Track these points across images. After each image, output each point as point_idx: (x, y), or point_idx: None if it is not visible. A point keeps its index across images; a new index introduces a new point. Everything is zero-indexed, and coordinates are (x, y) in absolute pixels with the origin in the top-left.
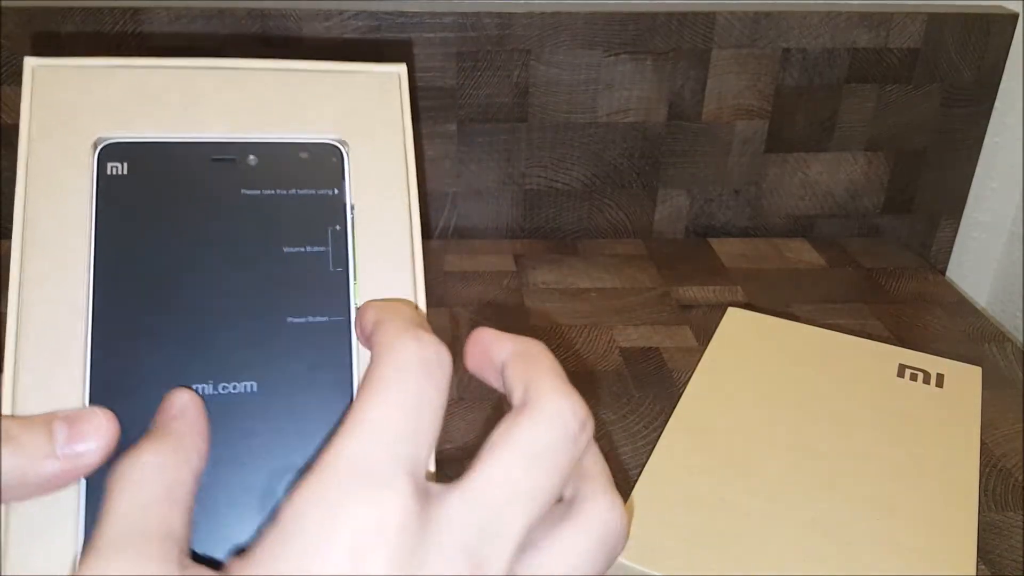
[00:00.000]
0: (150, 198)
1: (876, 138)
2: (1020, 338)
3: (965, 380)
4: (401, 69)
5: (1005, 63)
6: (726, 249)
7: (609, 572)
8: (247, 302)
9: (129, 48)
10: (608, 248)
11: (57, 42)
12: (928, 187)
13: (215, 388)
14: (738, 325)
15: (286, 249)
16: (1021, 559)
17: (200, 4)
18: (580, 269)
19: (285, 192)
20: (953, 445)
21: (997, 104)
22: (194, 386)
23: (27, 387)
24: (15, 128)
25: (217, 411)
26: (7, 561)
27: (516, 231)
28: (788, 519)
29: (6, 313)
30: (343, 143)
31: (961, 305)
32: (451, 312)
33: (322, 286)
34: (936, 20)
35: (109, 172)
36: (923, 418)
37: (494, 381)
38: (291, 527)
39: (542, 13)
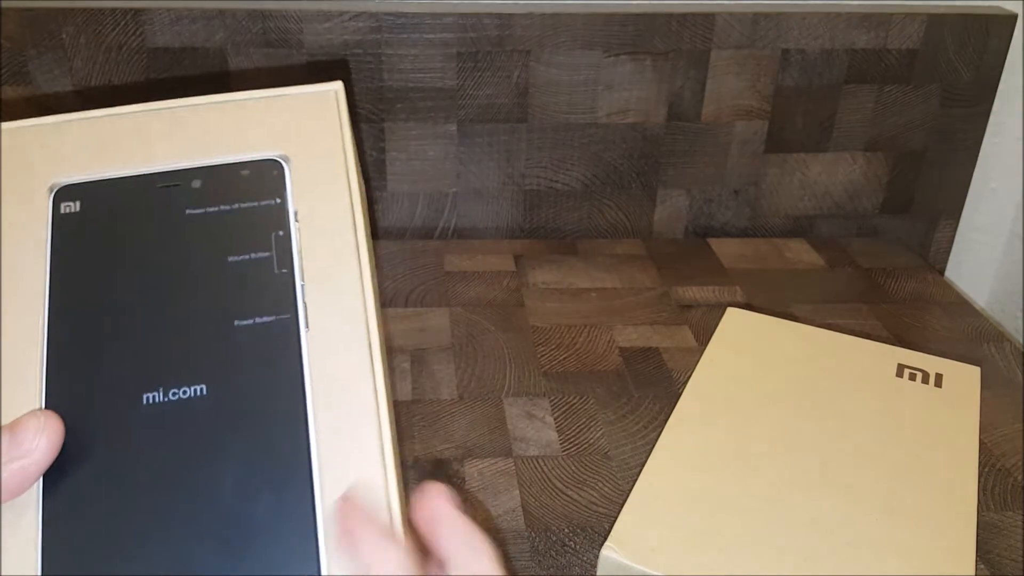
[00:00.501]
0: (100, 228)
1: (875, 139)
2: (1019, 338)
3: (964, 380)
4: (337, 86)
5: (1004, 64)
6: (725, 249)
7: (610, 573)
8: (194, 311)
9: (130, 50)
10: (608, 248)
11: (59, 42)
12: (927, 187)
13: (165, 395)
14: (737, 325)
15: (230, 258)
16: (1020, 559)
17: (201, 5)
18: (580, 269)
19: (228, 207)
20: (952, 445)
21: (996, 105)
22: (144, 395)
23: None
24: None
25: (169, 417)
26: None
27: (516, 231)
28: (787, 519)
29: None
30: (284, 158)
31: (960, 305)
32: (451, 312)
33: (268, 288)
34: (935, 21)
35: (63, 211)
36: (922, 418)
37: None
38: None
39: (542, 14)
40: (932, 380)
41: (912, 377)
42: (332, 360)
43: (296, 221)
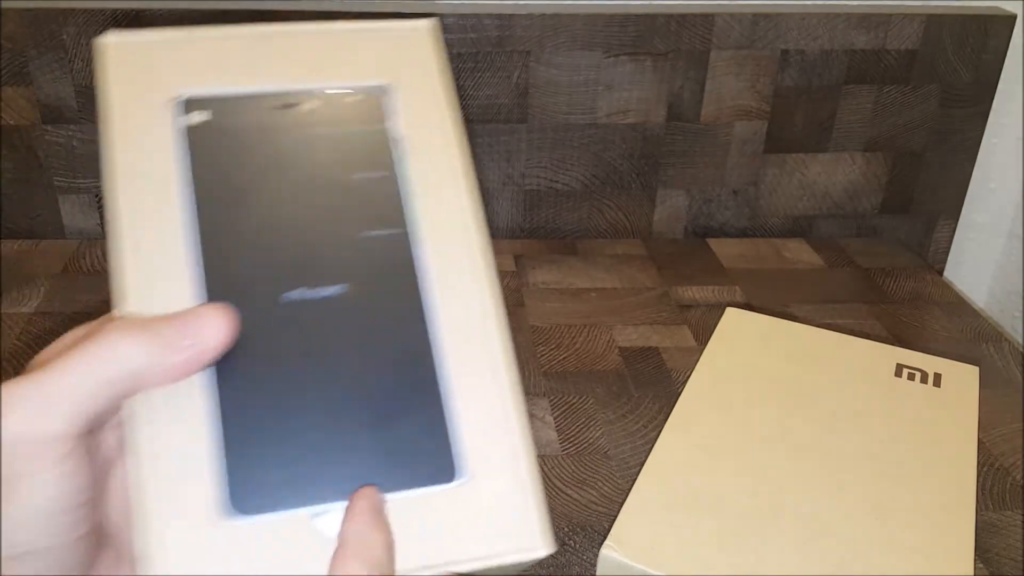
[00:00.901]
0: (230, 141)
1: (874, 139)
2: (1018, 338)
3: (963, 380)
4: (432, 21)
5: (1003, 64)
6: (725, 249)
7: (609, 572)
8: (327, 220)
9: None
10: (607, 248)
11: (59, 43)
12: (926, 187)
13: (310, 292)
14: (737, 325)
15: (353, 176)
16: (1019, 558)
17: (201, 5)
18: (580, 269)
19: (346, 129)
20: (951, 444)
21: (995, 105)
22: (291, 290)
23: (140, 294)
24: (15, 128)
25: (313, 313)
26: (143, 442)
27: (516, 231)
28: (786, 518)
29: (4, 314)
30: (389, 85)
31: (959, 305)
32: None
33: (386, 205)
34: (934, 21)
35: (193, 121)
36: (921, 418)
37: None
38: None
39: (542, 14)
40: (931, 380)
41: (911, 377)
42: (448, 272)
43: (404, 146)
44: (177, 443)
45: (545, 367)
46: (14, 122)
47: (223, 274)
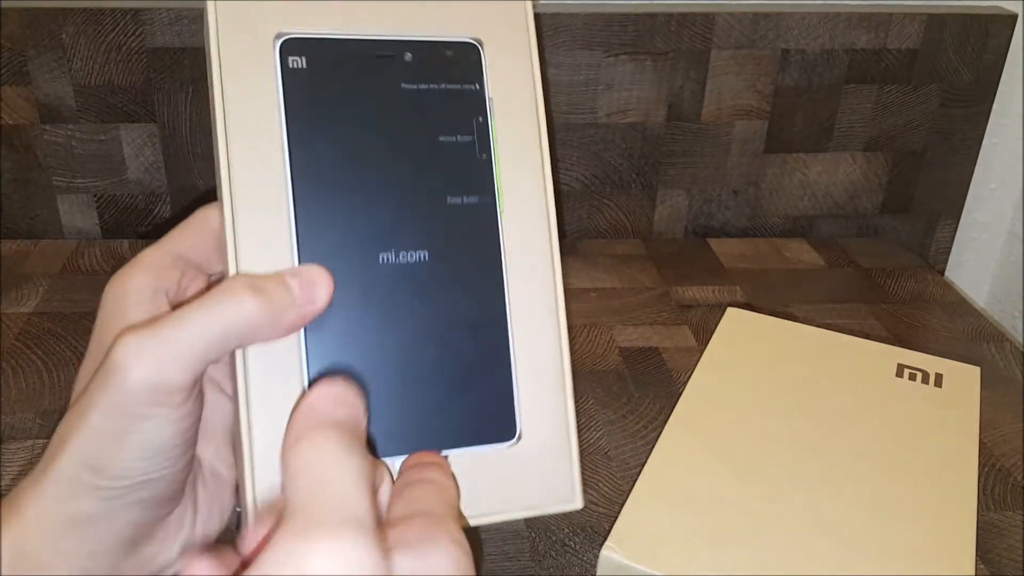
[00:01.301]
0: (327, 89)
1: (875, 139)
2: (1019, 338)
3: (964, 380)
4: (525, 3)
5: (1004, 64)
6: (725, 249)
7: (609, 572)
8: (416, 184)
9: (130, 50)
10: (608, 248)
11: (59, 42)
12: (927, 187)
13: (396, 257)
14: (737, 325)
15: (441, 138)
16: (1020, 559)
17: (201, 5)
18: (580, 269)
19: (437, 87)
20: (952, 445)
21: (996, 105)
22: (380, 254)
23: (248, 252)
24: (15, 128)
25: (398, 277)
26: (252, 390)
27: None
28: (787, 518)
29: (2, 314)
30: (480, 42)
31: (960, 305)
32: None
33: (472, 171)
34: (935, 21)
35: (291, 65)
36: (922, 418)
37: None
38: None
39: (542, 14)
40: (932, 380)
41: (912, 377)
42: (521, 243)
43: (492, 109)
44: (278, 391)
45: None
46: (13, 122)
47: (318, 232)
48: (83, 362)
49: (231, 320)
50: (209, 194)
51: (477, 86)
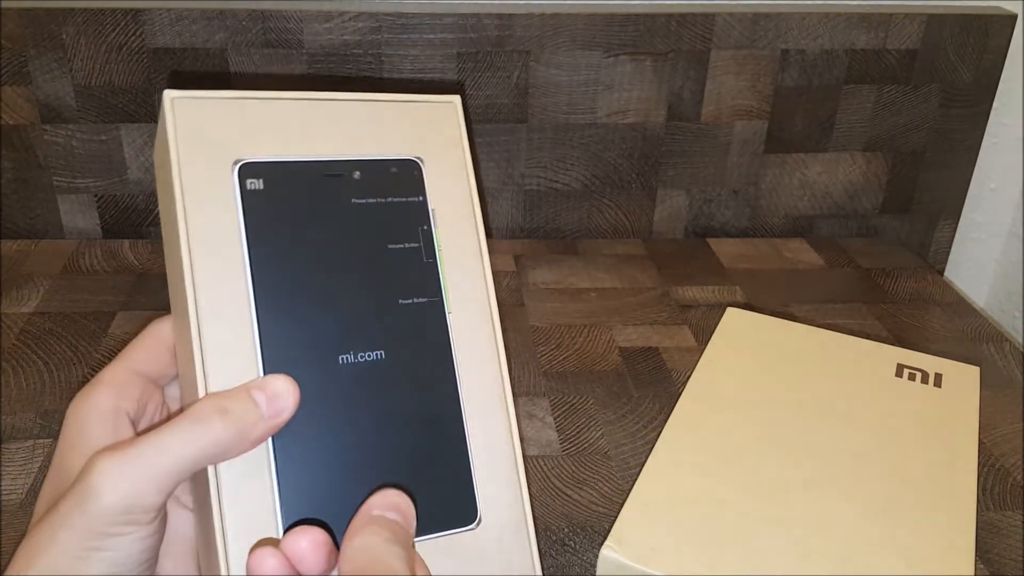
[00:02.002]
0: (283, 207)
1: (875, 139)
2: (1018, 338)
3: (963, 380)
4: (456, 99)
5: (1003, 64)
6: (725, 249)
7: (609, 572)
8: (369, 289)
9: (131, 50)
10: (608, 248)
11: (59, 43)
12: (927, 187)
13: (355, 357)
14: (737, 325)
15: (391, 246)
16: (1020, 559)
17: (201, 5)
18: (580, 269)
19: (384, 200)
20: (951, 445)
21: (995, 105)
22: (340, 356)
23: (215, 365)
24: (14, 128)
25: (358, 377)
26: (225, 505)
27: (516, 231)
28: (786, 518)
29: (3, 314)
30: (420, 159)
31: (959, 305)
32: None
33: (419, 274)
34: (935, 21)
35: (248, 187)
36: (921, 418)
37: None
38: None
39: (542, 14)
40: (932, 380)
41: (912, 377)
42: (469, 338)
43: (434, 218)
44: (249, 498)
45: (545, 367)
46: (13, 122)
47: (280, 340)
48: (46, 479)
49: (203, 444)
50: None
51: (420, 198)
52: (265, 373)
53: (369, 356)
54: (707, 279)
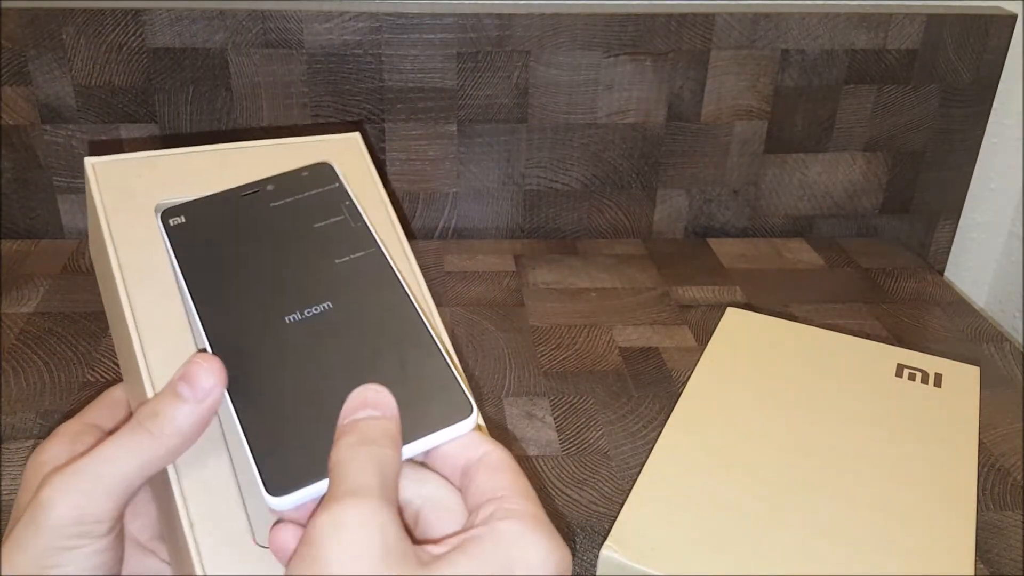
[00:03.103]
0: (208, 230)
1: (875, 139)
2: (1018, 338)
3: (963, 380)
4: (357, 135)
5: (1003, 64)
6: (725, 249)
7: (609, 572)
8: (302, 260)
9: (131, 50)
10: (608, 248)
11: (59, 43)
12: (927, 188)
13: (301, 314)
14: (737, 325)
15: (316, 224)
16: (1020, 559)
17: (201, 5)
18: (580, 269)
19: (302, 195)
20: (951, 445)
21: (995, 105)
22: (286, 317)
23: (159, 378)
24: (14, 128)
25: (310, 330)
26: (187, 493)
27: (516, 231)
28: (786, 518)
29: (3, 314)
30: (330, 161)
31: (959, 305)
32: (451, 312)
33: (350, 237)
34: (935, 21)
35: (172, 224)
36: (922, 418)
37: (448, 473)
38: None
39: (542, 14)
40: (932, 380)
41: (912, 377)
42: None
43: (354, 196)
44: (209, 489)
45: (545, 367)
46: (13, 122)
47: (222, 324)
48: (7, 529)
49: (146, 450)
50: None
51: (337, 184)
52: (212, 343)
53: (316, 309)
54: (707, 279)
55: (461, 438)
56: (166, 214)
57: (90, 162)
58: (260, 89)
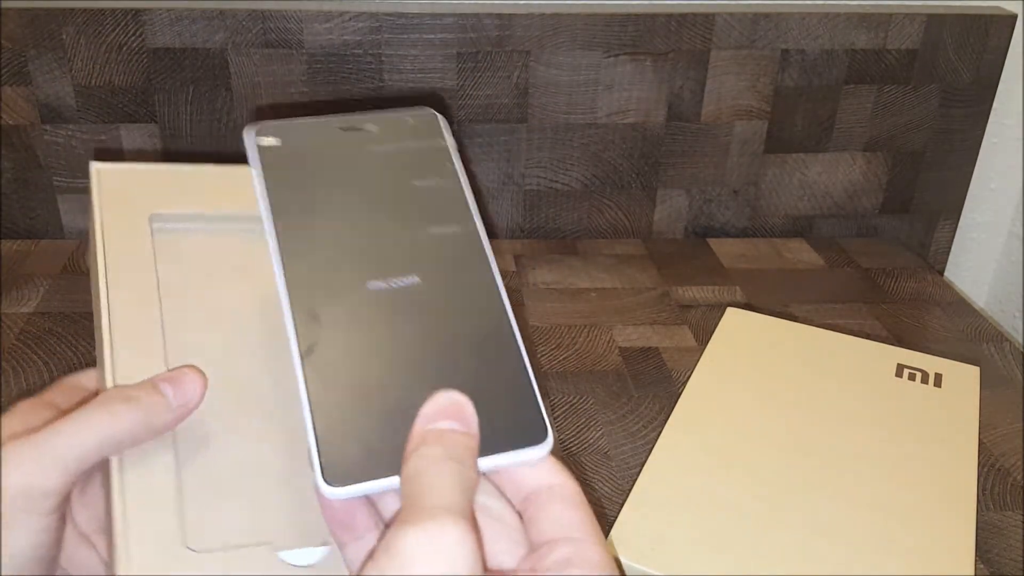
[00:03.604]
0: (300, 163)
1: (875, 139)
2: (1018, 338)
3: (963, 380)
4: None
5: (1004, 64)
6: (725, 249)
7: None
8: (399, 220)
9: (131, 50)
10: (608, 248)
11: (59, 43)
12: (927, 188)
13: (387, 283)
14: (737, 325)
15: (414, 181)
16: (1020, 558)
17: (201, 5)
18: (580, 269)
19: (404, 144)
20: (952, 445)
21: (995, 105)
22: (368, 283)
23: (124, 363)
24: (14, 128)
25: (393, 303)
26: (125, 492)
27: (516, 231)
28: (786, 518)
29: (3, 314)
30: (436, 114)
31: (959, 305)
32: None
33: (448, 205)
34: (935, 21)
35: (263, 144)
36: (922, 418)
37: (510, 492)
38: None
39: (542, 14)
40: (932, 380)
41: (912, 377)
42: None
43: (458, 157)
44: (149, 489)
45: (545, 367)
46: (13, 122)
47: (305, 273)
48: None
49: (106, 430)
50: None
51: (441, 141)
52: (292, 304)
53: (402, 282)
54: (707, 279)
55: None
56: (257, 131)
57: (95, 167)
58: (260, 89)
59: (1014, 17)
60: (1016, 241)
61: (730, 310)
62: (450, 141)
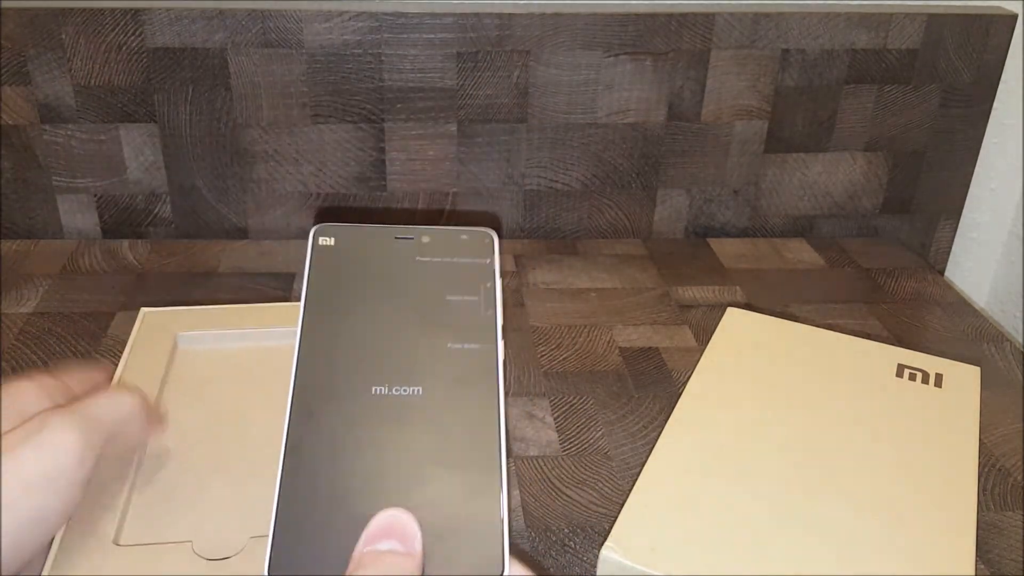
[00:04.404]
0: (349, 261)
1: (875, 139)
2: (1019, 338)
3: (964, 380)
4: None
5: (1004, 64)
6: (725, 249)
7: (609, 573)
8: (421, 331)
9: (130, 50)
10: (608, 248)
11: (58, 42)
12: (927, 188)
13: (389, 390)
14: (737, 325)
15: (448, 297)
16: (1020, 559)
17: (200, 5)
18: (580, 269)
19: (450, 259)
20: (952, 445)
21: (996, 105)
22: (373, 388)
23: None
24: (13, 128)
25: (390, 408)
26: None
27: (516, 231)
28: (787, 519)
29: (2, 314)
30: (493, 232)
31: (960, 305)
32: None
33: (476, 324)
34: (935, 21)
35: (320, 243)
36: (922, 418)
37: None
38: None
39: (542, 14)
40: (932, 380)
41: (912, 377)
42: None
43: (500, 279)
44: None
45: (545, 367)
46: (12, 122)
47: (317, 362)
48: None
49: (125, 407)
50: (207, 193)
51: (488, 260)
52: (294, 398)
53: (404, 391)
54: (707, 279)
55: None
56: (319, 232)
57: (144, 311)
58: (260, 89)
59: (1014, 17)
60: (1016, 241)
61: (730, 310)
62: (496, 261)
